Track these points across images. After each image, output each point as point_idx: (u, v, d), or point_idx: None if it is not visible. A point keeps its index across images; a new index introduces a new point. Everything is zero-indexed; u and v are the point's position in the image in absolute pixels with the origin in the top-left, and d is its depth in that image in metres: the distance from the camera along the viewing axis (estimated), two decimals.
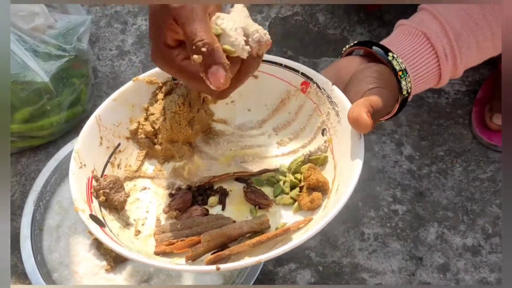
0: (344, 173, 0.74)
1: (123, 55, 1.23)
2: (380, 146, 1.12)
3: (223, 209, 0.79)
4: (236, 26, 0.66)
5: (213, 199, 0.79)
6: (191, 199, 0.79)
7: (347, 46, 0.85)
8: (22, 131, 1.06)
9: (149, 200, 0.79)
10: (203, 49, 0.63)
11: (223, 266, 0.66)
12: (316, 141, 0.81)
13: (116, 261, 0.93)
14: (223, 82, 0.64)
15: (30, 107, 1.05)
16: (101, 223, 0.72)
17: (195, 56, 0.63)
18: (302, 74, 0.81)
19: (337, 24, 1.26)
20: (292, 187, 0.78)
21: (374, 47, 0.81)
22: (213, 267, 0.66)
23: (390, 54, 0.80)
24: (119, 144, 0.80)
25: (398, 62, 0.80)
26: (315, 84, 0.80)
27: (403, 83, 0.80)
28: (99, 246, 0.95)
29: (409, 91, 0.81)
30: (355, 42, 0.84)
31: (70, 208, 0.99)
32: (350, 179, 0.71)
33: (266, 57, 0.80)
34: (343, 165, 0.75)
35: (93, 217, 0.72)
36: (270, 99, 0.84)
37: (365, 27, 1.25)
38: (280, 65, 0.81)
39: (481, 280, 0.99)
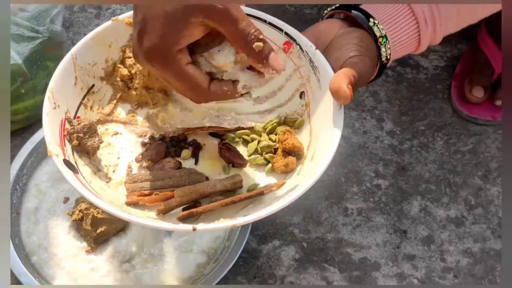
0: (322, 141, 0.74)
1: None
2: (360, 123, 1.11)
3: (196, 163, 0.78)
4: None
5: (186, 152, 0.79)
6: (165, 151, 0.78)
7: (328, 9, 0.84)
8: None
9: (120, 146, 0.79)
10: (261, 37, 0.67)
11: (200, 227, 0.65)
12: (293, 103, 0.80)
13: (96, 242, 0.92)
14: (283, 64, 0.69)
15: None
16: (74, 169, 0.71)
17: (257, 44, 0.67)
18: (286, 33, 0.79)
19: (313, 4, 1.26)
20: (266, 148, 0.78)
21: (354, 12, 0.80)
22: (189, 226, 0.65)
23: (371, 20, 0.79)
24: (93, 85, 0.79)
25: (378, 28, 0.79)
26: (298, 46, 0.78)
27: (383, 49, 0.79)
28: (78, 228, 0.93)
29: (388, 57, 0.80)
30: (336, 5, 0.83)
31: (48, 191, 0.97)
32: (328, 148, 0.70)
33: (251, 11, 0.79)
34: (320, 132, 0.75)
35: (67, 163, 0.70)
36: None
37: None
38: (264, 21, 0.79)
39: (465, 250, 0.99)
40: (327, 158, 0.70)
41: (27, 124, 1.07)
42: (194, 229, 0.65)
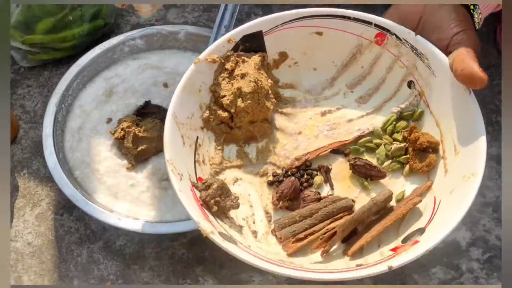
0: (460, 131, 0.70)
1: None
2: None
3: (332, 188, 0.74)
4: None
5: (319, 179, 0.74)
6: (299, 185, 0.73)
7: None
8: (44, 41, 1.06)
9: (247, 192, 0.74)
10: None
11: (395, 264, 0.62)
12: (402, 94, 0.77)
13: (136, 160, 0.94)
14: None
15: (52, 17, 1.04)
16: (233, 240, 0.67)
17: None
18: (376, 25, 0.76)
19: None
20: (398, 151, 0.74)
21: None
22: (384, 267, 0.62)
23: None
24: (197, 138, 0.75)
25: None
26: (393, 36, 0.75)
27: (476, 15, 0.75)
28: (120, 146, 0.95)
29: (480, 23, 0.76)
30: None
31: (91, 112, 0.99)
32: (473, 137, 0.67)
33: (332, 11, 0.76)
34: (451, 122, 0.71)
35: (224, 236, 0.66)
36: (338, 55, 0.79)
37: None
38: (349, 18, 0.76)
39: None
40: (481, 144, 0.66)
41: (73, 52, 1.09)
42: (390, 268, 0.62)
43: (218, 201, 0.69)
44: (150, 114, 0.97)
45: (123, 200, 0.91)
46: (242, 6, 1.15)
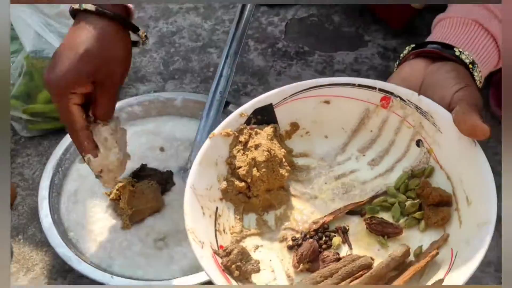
0: (471, 180, 0.71)
1: (144, 53, 1.26)
2: None
3: (350, 248, 0.74)
4: None
5: (337, 240, 0.75)
6: (318, 246, 0.74)
7: (404, 52, 0.82)
8: (45, 111, 1.07)
9: (268, 258, 0.74)
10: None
11: None
12: (412, 154, 0.78)
13: (131, 220, 0.93)
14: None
15: None
16: None
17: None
18: (380, 90, 0.78)
19: (351, 23, 1.30)
20: (412, 208, 0.75)
21: (434, 45, 0.78)
22: None
23: (455, 49, 0.77)
24: (217, 208, 0.76)
25: (465, 55, 0.77)
26: (397, 98, 0.77)
27: (476, 74, 0.77)
28: (116, 207, 0.95)
29: (480, 81, 0.78)
30: (412, 46, 0.81)
31: (88, 175, 0.99)
32: (485, 183, 0.68)
33: (336, 80, 0.79)
34: (462, 174, 0.72)
35: None
36: (347, 121, 0.81)
37: (382, 24, 1.28)
38: (353, 85, 0.78)
39: None
40: (491, 192, 0.67)
41: None
42: None
43: (239, 266, 0.70)
44: (146, 176, 0.98)
45: (118, 260, 0.90)
46: (238, 77, 1.19)
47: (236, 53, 1.02)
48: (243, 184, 0.77)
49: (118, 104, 1.06)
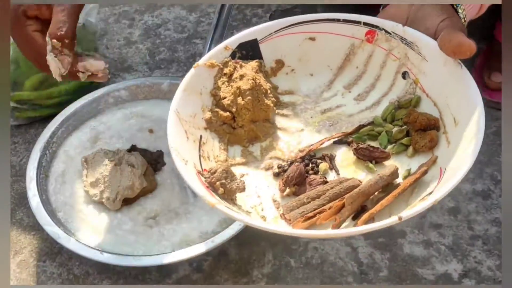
0: (457, 102, 0.71)
1: (130, 44, 1.27)
2: None
3: (338, 173, 0.74)
4: None
5: (324, 165, 0.74)
6: (305, 169, 0.73)
7: None
8: (31, 98, 1.08)
9: (254, 185, 0.73)
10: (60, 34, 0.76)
11: (405, 215, 0.61)
12: (398, 86, 0.78)
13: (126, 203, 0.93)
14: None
15: (40, 74, 1.08)
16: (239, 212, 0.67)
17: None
18: (365, 24, 0.78)
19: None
20: (399, 134, 0.75)
21: None
22: (395, 218, 0.61)
23: None
24: (201, 136, 0.75)
25: None
26: (382, 31, 0.77)
27: (460, 11, 0.77)
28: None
29: (465, 19, 0.78)
30: None
31: (76, 156, 0.99)
32: (471, 103, 0.68)
33: (321, 16, 0.78)
34: (448, 98, 0.72)
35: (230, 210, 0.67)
36: (332, 58, 0.81)
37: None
38: (338, 20, 0.78)
39: (493, 220, 0.97)
40: (478, 111, 0.67)
41: (60, 110, 1.09)
42: (401, 218, 0.61)
43: (224, 184, 0.68)
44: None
45: (107, 238, 0.89)
46: None
47: (221, 37, 1.03)
48: (227, 114, 0.76)
49: (105, 89, 1.06)
